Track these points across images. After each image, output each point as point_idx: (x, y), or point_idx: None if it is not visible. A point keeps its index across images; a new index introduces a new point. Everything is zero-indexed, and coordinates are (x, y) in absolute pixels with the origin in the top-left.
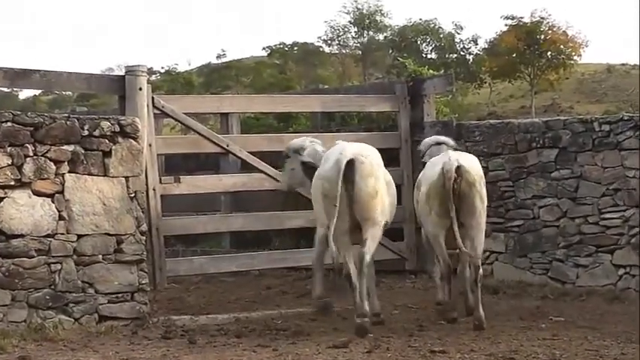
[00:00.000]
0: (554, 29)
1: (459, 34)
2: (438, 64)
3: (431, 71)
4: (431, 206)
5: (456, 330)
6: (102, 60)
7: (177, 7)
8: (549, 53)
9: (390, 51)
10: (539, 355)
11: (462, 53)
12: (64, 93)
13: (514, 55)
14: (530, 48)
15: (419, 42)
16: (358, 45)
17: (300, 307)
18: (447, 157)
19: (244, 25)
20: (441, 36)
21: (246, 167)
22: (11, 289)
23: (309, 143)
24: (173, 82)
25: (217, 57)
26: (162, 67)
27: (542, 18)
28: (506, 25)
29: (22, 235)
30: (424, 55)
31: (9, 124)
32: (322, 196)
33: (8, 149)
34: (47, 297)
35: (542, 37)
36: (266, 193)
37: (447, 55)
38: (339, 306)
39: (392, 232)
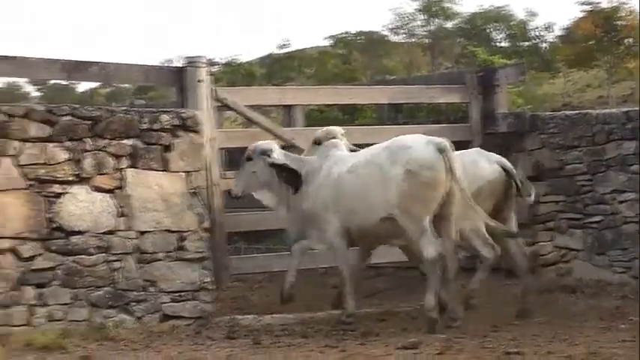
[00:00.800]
0: (634, 14)
1: (531, 21)
2: (510, 53)
3: (503, 60)
4: (480, 202)
5: (531, 331)
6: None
7: None
8: (628, 40)
9: (460, 39)
10: (620, 357)
11: (535, 41)
12: (122, 86)
13: (591, 42)
14: (607, 35)
15: (489, 30)
16: (426, 33)
17: (367, 306)
18: (498, 157)
19: (307, 13)
20: (513, 23)
21: None
22: (71, 287)
23: (277, 146)
24: (234, 74)
25: (279, 47)
26: (223, 59)
27: (620, 3)
28: (581, 11)
29: (81, 232)
30: (495, 44)
31: (67, 117)
32: (421, 186)
33: (66, 144)
34: (108, 295)
35: (621, 23)
36: None
37: (519, 44)
38: (408, 305)
39: None
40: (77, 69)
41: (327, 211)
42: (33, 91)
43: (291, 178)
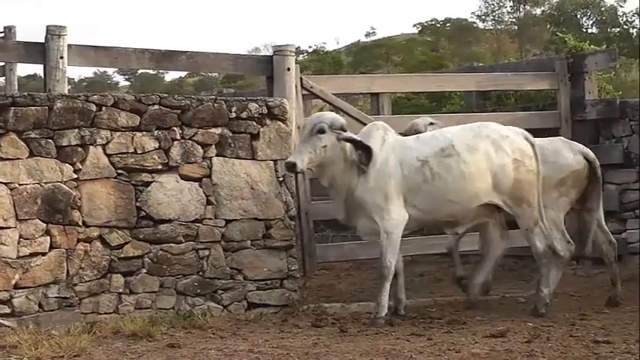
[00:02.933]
0: None
1: (621, 6)
2: (600, 39)
3: (592, 47)
4: (564, 193)
5: (620, 319)
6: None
7: None
8: None
9: (548, 26)
10: None
11: (625, 27)
12: (210, 74)
13: None
14: None
15: (579, 16)
16: (514, 20)
17: (455, 294)
18: (581, 147)
19: (395, 1)
20: (603, 9)
21: None
22: (159, 275)
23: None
24: (321, 62)
25: (366, 35)
26: (310, 47)
27: None
28: None
29: (169, 221)
30: (584, 30)
31: (156, 106)
32: (535, 178)
33: (155, 133)
34: (195, 283)
35: None
36: None
37: (609, 30)
38: (496, 293)
39: None
40: (166, 58)
41: (388, 199)
42: (122, 81)
43: (364, 158)
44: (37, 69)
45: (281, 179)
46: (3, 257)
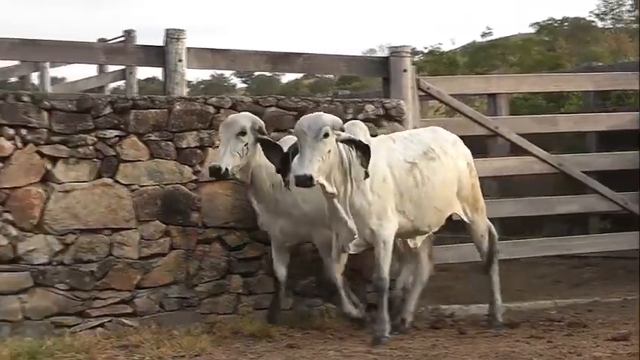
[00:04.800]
0: None
1: None
2: None
3: None
4: None
5: None
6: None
7: None
8: None
9: None
10: None
11: None
12: (325, 76)
13: None
14: None
15: None
16: (633, 19)
17: (574, 297)
18: None
19: (512, 0)
20: None
21: (514, 150)
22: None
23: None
24: (436, 63)
25: (482, 35)
26: (426, 47)
27: None
28: None
29: None
30: None
31: (273, 108)
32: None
33: (272, 134)
34: (313, 285)
35: None
36: (535, 176)
37: None
38: (617, 296)
39: None
40: (282, 60)
41: (386, 205)
42: (239, 83)
43: (364, 160)
44: (156, 72)
45: None
46: (125, 258)
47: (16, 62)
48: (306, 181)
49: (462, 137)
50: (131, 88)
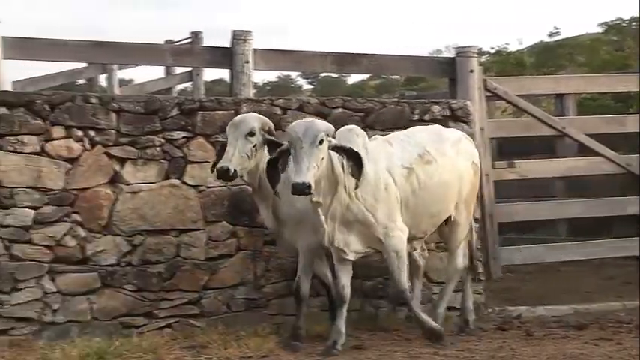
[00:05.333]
0: None
1: None
2: None
3: None
4: None
5: None
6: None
7: None
8: None
9: None
10: None
11: None
12: (391, 77)
13: None
14: None
15: None
16: None
17: None
18: None
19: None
20: None
21: (582, 150)
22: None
23: None
24: (503, 63)
25: (550, 35)
26: (492, 48)
27: None
28: None
29: None
30: None
31: (339, 109)
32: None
33: None
34: (379, 286)
35: None
36: (603, 177)
37: None
38: None
39: None
40: (349, 61)
41: (391, 212)
42: (304, 84)
43: (356, 170)
44: (223, 74)
45: None
46: (192, 259)
47: (84, 64)
48: (304, 190)
49: (529, 137)
50: (198, 90)
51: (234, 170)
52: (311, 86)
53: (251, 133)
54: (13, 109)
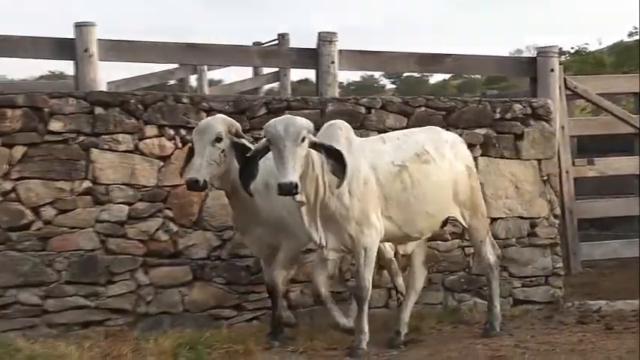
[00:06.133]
0: None
1: None
2: None
3: None
4: None
5: None
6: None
7: None
8: None
9: None
10: None
11: None
12: (472, 76)
13: None
14: None
15: None
16: None
17: None
18: None
19: None
20: None
21: None
22: (427, 272)
23: None
24: (582, 63)
25: (629, 35)
26: (572, 48)
27: None
28: None
29: None
30: None
31: (422, 108)
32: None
33: None
34: (462, 280)
35: None
36: None
37: None
38: None
39: None
40: (432, 61)
41: (368, 210)
42: (387, 84)
43: (338, 169)
44: (308, 74)
45: (545, 178)
46: None
47: (175, 65)
48: (291, 190)
49: (607, 136)
50: (285, 90)
51: (204, 180)
52: (394, 86)
53: (218, 139)
54: (109, 108)
